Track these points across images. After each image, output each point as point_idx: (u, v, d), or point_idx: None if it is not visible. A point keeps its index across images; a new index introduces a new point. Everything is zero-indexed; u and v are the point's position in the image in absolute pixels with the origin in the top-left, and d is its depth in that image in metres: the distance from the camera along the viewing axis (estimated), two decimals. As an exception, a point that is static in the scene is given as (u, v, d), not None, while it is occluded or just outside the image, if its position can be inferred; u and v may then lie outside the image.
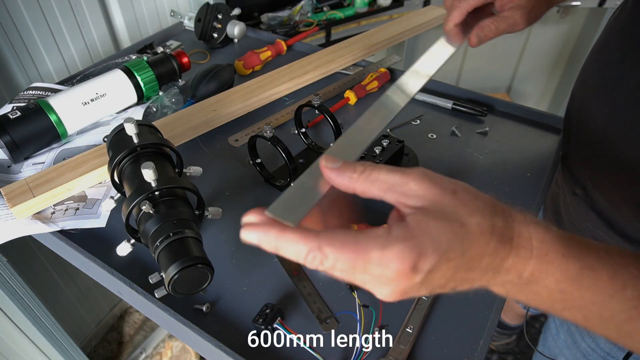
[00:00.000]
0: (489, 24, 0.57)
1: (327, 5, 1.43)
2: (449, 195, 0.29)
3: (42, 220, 0.59)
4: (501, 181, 0.67)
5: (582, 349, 0.70)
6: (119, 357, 1.35)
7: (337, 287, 0.54)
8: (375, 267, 0.27)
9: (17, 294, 0.86)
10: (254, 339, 0.48)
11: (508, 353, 1.43)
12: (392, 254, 0.27)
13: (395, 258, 0.27)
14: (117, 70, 0.74)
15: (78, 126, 0.70)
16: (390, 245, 0.27)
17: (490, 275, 0.29)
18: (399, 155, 0.65)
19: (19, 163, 0.67)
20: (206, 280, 0.46)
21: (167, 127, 0.69)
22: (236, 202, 0.65)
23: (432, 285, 0.28)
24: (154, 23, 1.12)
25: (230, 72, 0.83)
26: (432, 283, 0.28)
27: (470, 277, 0.29)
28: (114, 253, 0.54)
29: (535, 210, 0.63)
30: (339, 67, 0.89)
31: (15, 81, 0.88)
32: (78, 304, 1.24)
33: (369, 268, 0.27)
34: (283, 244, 0.28)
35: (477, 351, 0.48)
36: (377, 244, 0.28)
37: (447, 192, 0.29)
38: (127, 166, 0.54)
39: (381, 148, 0.62)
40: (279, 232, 0.28)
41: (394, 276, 0.27)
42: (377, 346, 0.48)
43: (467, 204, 0.29)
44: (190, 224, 0.48)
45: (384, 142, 0.63)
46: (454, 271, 0.28)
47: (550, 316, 0.82)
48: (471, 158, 0.72)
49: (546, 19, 1.88)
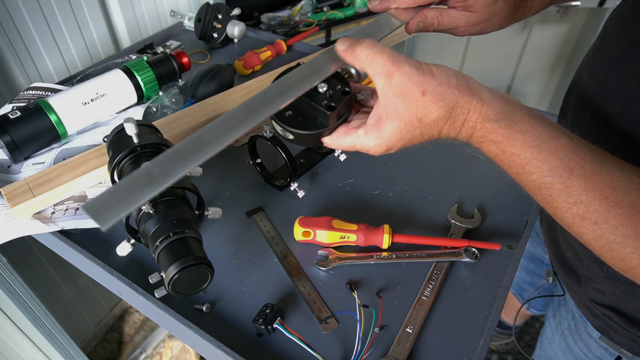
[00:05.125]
0: (433, 16, 0.54)
1: (327, 5, 1.43)
2: (416, 95, 0.39)
3: (42, 220, 0.59)
4: (501, 181, 0.67)
5: (575, 352, 0.70)
6: (119, 357, 1.35)
7: (337, 287, 0.54)
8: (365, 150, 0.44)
9: (17, 294, 0.86)
10: (254, 338, 0.48)
11: (508, 353, 1.43)
12: (373, 150, 0.43)
13: (375, 151, 0.43)
14: (117, 70, 0.74)
15: (78, 126, 0.70)
16: (369, 142, 0.43)
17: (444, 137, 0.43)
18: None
19: (19, 163, 0.67)
20: (206, 280, 0.46)
21: (167, 127, 0.69)
22: (236, 202, 0.65)
23: (402, 146, 0.43)
24: (154, 23, 1.12)
25: (230, 72, 0.83)
26: (402, 146, 0.43)
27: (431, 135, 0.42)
28: (114, 253, 0.54)
29: (534, 209, 0.63)
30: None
31: (15, 81, 0.88)
32: (78, 304, 1.23)
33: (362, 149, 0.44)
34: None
35: (477, 351, 0.48)
36: (362, 142, 0.43)
37: (415, 91, 0.39)
38: (127, 166, 0.54)
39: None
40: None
41: (378, 151, 0.43)
42: (377, 346, 0.48)
43: (427, 106, 0.39)
44: (190, 223, 0.48)
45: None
46: (417, 140, 0.42)
47: (546, 320, 0.82)
48: (471, 158, 0.72)
49: (546, 18, 1.88)
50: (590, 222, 0.37)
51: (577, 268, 0.63)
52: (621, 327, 0.58)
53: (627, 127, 0.46)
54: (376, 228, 0.57)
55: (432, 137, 0.42)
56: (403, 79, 0.39)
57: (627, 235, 0.35)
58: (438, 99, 0.39)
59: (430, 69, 0.40)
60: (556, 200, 0.38)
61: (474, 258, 0.56)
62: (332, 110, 0.43)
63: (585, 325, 0.67)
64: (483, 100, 0.40)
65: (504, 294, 0.53)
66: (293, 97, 0.41)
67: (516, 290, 1.03)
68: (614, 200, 0.36)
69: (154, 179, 0.33)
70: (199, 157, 0.35)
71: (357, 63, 0.41)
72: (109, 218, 0.31)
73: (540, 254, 0.88)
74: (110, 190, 0.32)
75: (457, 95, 0.39)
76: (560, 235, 0.66)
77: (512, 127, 0.38)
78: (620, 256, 0.37)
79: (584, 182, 0.36)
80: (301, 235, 0.57)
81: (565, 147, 0.37)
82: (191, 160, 0.35)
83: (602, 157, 0.38)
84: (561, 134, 0.38)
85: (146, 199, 0.33)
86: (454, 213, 0.62)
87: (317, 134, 0.44)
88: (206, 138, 0.36)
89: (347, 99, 0.44)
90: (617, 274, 0.39)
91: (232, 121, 0.38)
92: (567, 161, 0.37)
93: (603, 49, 0.52)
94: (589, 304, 0.63)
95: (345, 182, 0.67)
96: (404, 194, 0.66)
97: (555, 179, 0.37)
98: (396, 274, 0.56)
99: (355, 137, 0.43)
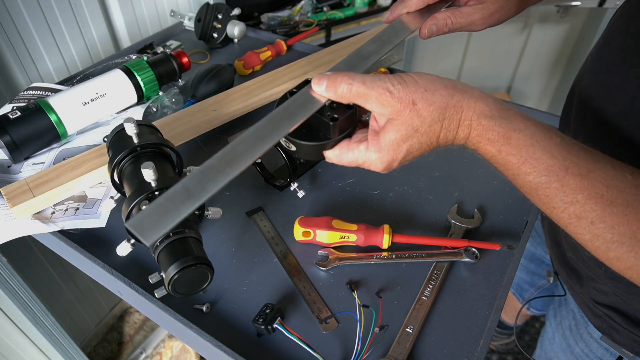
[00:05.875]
0: (445, 17, 0.53)
1: (327, 5, 1.43)
2: (407, 107, 0.39)
3: (42, 220, 0.59)
4: (501, 181, 0.67)
5: (576, 353, 0.70)
6: (119, 357, 1.35)
7: (337, 287, 0.54)
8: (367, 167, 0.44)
9: (17, 294, 0.86)
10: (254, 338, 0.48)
11: (508, 353, 1.43)
12: (374, 166, 0.43)
13: (377, 167, 0.43)
14: (117, 70, 0.74)
15: (78, 126, 0.70)
16: (371, 156, 0.43)
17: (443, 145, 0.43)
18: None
19: (19, 163, 0.67)
20: (206, 280, 0.46)
21: (167, 127, 0.69)
22: (236, 202, 0.65)
23: (404, 161, 0.43)
24: (154, 23, 1.12)
25: (230, 72, 0.83)
26: (404, 160, 0.43)
27: (430, 145, 0.42)
28: (114, 253, 0.54)
29: (534, 209, 0.63)
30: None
31: (15, 81, 0.88)
32: (78, 304, 1.23)
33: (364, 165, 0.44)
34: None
35: (477, 351, 0.48)
36: (364, 157, 0.43)
37: (405, 105, 0.39)
38: (127, 166, 0.54)
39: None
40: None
41: (379, 167, 0.43)
42: (377, 346, 0.48)
43: (421, 114, 0.39)
44: (190, 223, 0.48)
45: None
46: (417, 151, 0.42)
47: (547, 320, 0.82)
48: (471, 158, 0.72)
49: (546, 18, 1.88)
50: (587, 222, 0.37)
51: (578, 268, 0.63)
52: (623, 327, 0.58)
53: (630, 127, 0.46)
54: (376, 228, 0.57)
55: (430, 146, 0.42)
56: (393, 98, 0.39)
57: (623, 233, 0.36)
58: (428, 103, 0.39)
59: (413, 79, 0.40)
60: (553, 201, 0.38)
61: (474, 258, 0.56)
62: (335, 121, 0.43)
63: (586, 326, 0.66)
64: (475, 97, 0.40)
65: (504, 294, 0.53)
66: (315, 109, 0.42)
67: (516, 290, 1.03)
68: (610, 199, 0.36)
69: (191, 194, 0.35)
70: (231, 172, 0.37)
71: (344, 100, 0.41)
72: (153, 235, 0.33)
73: (541, 254, 0.88)
74: (151, 206, 0.34)
75: (445, 96, 0.39)
76: (562, 235, 0.66)
77: (507, 125, 0.39)
78: (617, 256, 0.37)
79: (580, 180, 0.36)
80: (301, 235, 0.57)
81: (559, 146, 0.38)
82: (224, 174, 0.37)
83: (595, 155, 0.38)
84: (553, 134, 0.38)
85: (186, 213, 0.34)
86: (454, 213, 0.62)
87: (320, 145, 0.44)
88: (237, 151, 0.38)
89: (350, 113, 0.44)
90: (619, 274, 0.39)
91: (259, 134, 0.39)
92: (562, 160, 0.37)
93: (606, 48, 0.52)
94: (590, 304, 0.63)
95: (345, 182, 0.67)
96: (404, 194, 0.66)
97: (551, 178, 0.37)
98: (396, 274, 0.55)
99: (358, 152, 0.43)
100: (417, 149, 0.42)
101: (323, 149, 0.45)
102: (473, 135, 0.40)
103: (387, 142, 0.41)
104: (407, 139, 0.41)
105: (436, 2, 0.54)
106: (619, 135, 0.47)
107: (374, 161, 0.42)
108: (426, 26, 0.53)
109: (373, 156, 0.42)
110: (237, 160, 0.38)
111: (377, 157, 0.42)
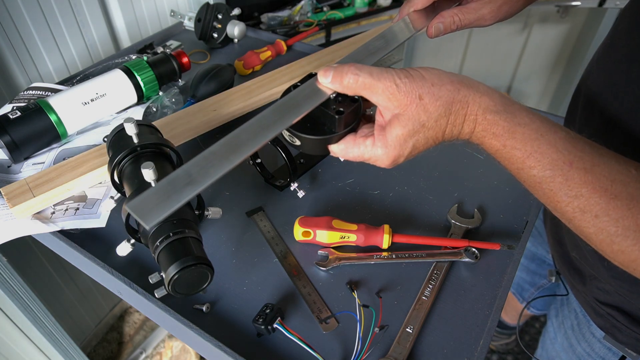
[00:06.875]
0: (452, 14, 0.52)
1: (327, 5, 1.43)
2: (414, 102, 0.39)
3: (42, 220, 0.59)
4: (501, 181, 0.67)
5: (578, 352, 0.70)
6: (119, 357, 1.35)
7: (337, 287, 0.54)
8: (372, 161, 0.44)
9: (17, 294, 0.86)
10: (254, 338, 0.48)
11: (508, 353, 1.43)
12: (381, 161, 0.43)
13: (383, 162, 0.43)
14: (117, 70, 0.74)
15: (78, 126, 0.70)
16: (377, 152, 0.43)
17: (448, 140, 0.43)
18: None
19: (19, 163, 0.67)
20: (206, 280, 0.46)
21: (167, 127, 0.69)
22: (236, 202, 0.65)
23: (410, 156, 0.43)
24: (154, 23, 1.12)
25: (230, 72, 0.83)
26: (410, 155, 0.43)
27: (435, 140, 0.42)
28: (114, 253, 0.54)
29: (534, 209, 0.63)
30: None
31: (15, 81, 0.88)
32: (78, 304, 1.23)
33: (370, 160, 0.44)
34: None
35: (477, 351, 0.48)
36: (371, 152, 0.43)
37: (412, 99, 0.39)
38: (127, 166, 0.54)
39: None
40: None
41: (386, 162, 0.43)
42: (377, 346, 0.48)
43: (428, 109, 0.39)
44: (191, 223, 0.48)
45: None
46: (423, 146, 0.42)
47: (549, 320, 0.82)
48: (471, 158, 0.72)
49: (546, 18, 1.88)
50: (591, 215, 0.37)
51: (581, 267, 0.63)
52: (626, 326, 0.58)
53: (637, 126, 0.46)
54: (376, 228, 0.57)
55: (436, 141, 0.42)
56: (399, 92, 0.39)
57: (627, 227, 0.36)
58: (435, 98, 0.39)
59: (420, 73, 0.40)
60: (557, 195, 0.38)
61: (474, 258, 0.56)
62: (341, 114, 0.43)
63: (588, 325, 0.66)
64: (480, 92, 0.40)
65: (504, 294, 0.53)
66: (320, 101, 0.42)
67: (516, 290, 1.03)
68: (614, 193, 0.36)
69: (193, 179, 0.35)
70: (234, 159, 0.37)
71: (350, 92, 0.41)
72: (153, 217, 0.33)
73: (542, 253, 0.88)
74: (152, 190, 0.34)
75: (452, 91, 0.39)
76: (565, 234, 0.66)
77: (512, 120, 0.39)
78: (620, 249, 0.37)
79: (584, 174, 0.36)
80: (301, 235, 0.57)
81: (563, 140, 0.38)
82: (227, 161, 0.37)
83: (599, 150, 0.38)
84: (558, 128, 0.38)
85: (187, 198, 0.34)
86: (454, 213, 0.62)
87: (324, 139, 0.44)
88: (240, 139, 0.38)
89: (355, 106, 0.44)
90: (623, 273, 0.39)
91: (263, 124, 0.39)
92: (567, 154, 0.37)
93: (613, 47, 0.52)
94: (593, 304, 0.62)
95: (345, 182, 0.67)
96: (404, 194, 0.66)
97: (555, 172, 0.37)
98: (396, 274, 0.55)
99: (364, 147, 0.43)
100: (423, 144, 0.42)
101: (328, 143, 0.45)
102: (478, 130, 0.40)
103: (393, 138, 0.41)
104: (414, 135, 0.40)
105: (443, 0, 0.54)
106: (626, 134, 0.47)
107: (381, 157, 0.42)
108: (432, 25, 0.53)
109: (380, 152, 0.42)
110: (241, 148, 0.37)
111: (383, 153, 0.42)
